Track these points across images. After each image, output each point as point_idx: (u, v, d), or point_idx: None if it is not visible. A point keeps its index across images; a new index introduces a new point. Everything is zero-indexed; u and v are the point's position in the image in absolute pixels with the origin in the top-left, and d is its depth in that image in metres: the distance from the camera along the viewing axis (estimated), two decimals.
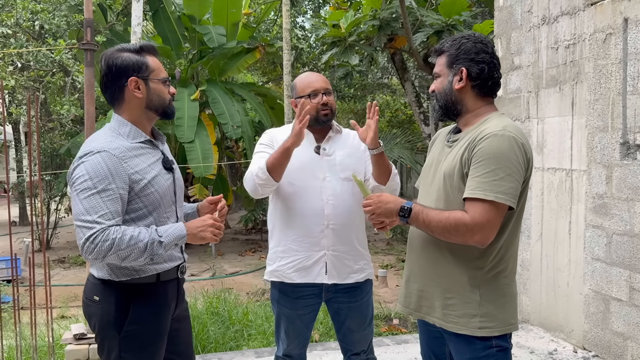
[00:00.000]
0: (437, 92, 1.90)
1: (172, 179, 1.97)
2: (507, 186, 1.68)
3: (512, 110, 4.55)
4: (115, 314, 1.85)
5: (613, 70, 3.52)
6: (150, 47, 1.93)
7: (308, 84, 2.35)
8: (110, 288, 1.87)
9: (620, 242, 3.49)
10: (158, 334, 1.93)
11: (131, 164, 1.82)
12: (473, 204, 1.70)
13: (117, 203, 1.77)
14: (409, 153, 10.10)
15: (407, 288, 1.96)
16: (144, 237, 1.76)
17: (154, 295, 1.91)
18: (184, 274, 2.04)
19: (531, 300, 4.35)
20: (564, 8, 3.95)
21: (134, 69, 1.86)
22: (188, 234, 1.84)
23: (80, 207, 1.75)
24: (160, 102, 1.92)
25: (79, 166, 1.79)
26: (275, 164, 2.18)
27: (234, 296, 6.08)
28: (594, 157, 3.69)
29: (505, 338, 1.82)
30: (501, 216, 1.71)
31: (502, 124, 1.75)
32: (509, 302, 1.84)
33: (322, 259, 2.30)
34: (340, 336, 2.46)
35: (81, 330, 3.46)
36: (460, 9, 7.05)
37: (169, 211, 1.95)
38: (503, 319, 1.81)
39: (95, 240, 1.71)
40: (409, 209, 1.80)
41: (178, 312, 2.04)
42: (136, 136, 1.89)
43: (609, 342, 3.59)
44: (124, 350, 1.86)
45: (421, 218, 1.78)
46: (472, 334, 1.78)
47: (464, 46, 1.83)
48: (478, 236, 1.69)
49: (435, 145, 2.02)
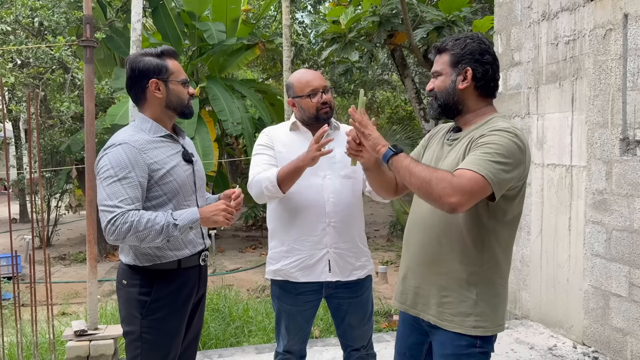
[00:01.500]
0: (438, 91, 1.87)
1: (191, 170, 2.12)
2: (500, 173, 1.65)
3: (512, 106, 4.55)
4: (138, 297, 2.02)
5: (613, 66, 3.51)
6: (170, 51, 2.09)
7: (306, 83, 2.34)
8: (135, 272, 2.04)
9: (619, 237, 3.49)
10: (178, 317, 2.06)
11: (150, 154, 1.99)
12: (464, 171, 1.66)
13: (137, 190, 1.93)
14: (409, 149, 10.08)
15: (404, 285, 1.96)
16: (160, 220, 1.91)
17: (175, 281, 2.06)
18: (206, 261, 2.17)
19: (531, 296, 4.35)
20: (564, 4, 3.95)
21: (154, 72, 2.03)
22: (201, 217, 1.98)
23: (103, 193, 1.92)
24: (178, 102, 2.08)
25: (102, 157, 1.97)
26: (286, 179, 2.20)
27: (235, 293, 6.10)
28: (593, 153, 3.69)
29: (490, 340, 1.83)
30: (484, 194, 1.66)
31: (505, 124, 1.76)
32: (501, 304, 1.84)
33: (325, 257, 2.30)
34: (340, 332, 2.46)
35: (82, 327, 3.46)
36: (460, 5, 7.04)
37: (188, 200, 2.09)
38: (495, 319, 1.81)
39: (116, 222, 1.87)
40: (400, 149, 1.76)
41: (198, 298, 2.18)
42: (157, 131, 2.06)
43: (609, 338, 3.59)
44: (145, 332, 2.01)
45: (406, 161, 1.72)
46: (467, 333, 1.78)
47: (469, 46, 1.82)
48: (455, 198, 1.62)
49: (434, 143, 2.00)
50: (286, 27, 6.59)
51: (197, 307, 2.21)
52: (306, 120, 2.38)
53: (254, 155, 2.38)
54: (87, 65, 3.49)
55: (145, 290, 2.02)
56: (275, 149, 2.36)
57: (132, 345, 2.06)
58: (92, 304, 3.55)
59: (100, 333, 3.46)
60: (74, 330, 3.45)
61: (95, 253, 3.57)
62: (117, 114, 8.32)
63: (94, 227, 3.59)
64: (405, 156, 1.75)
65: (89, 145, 3.52)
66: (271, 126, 2.53)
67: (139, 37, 5.42)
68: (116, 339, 3.55)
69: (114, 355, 3.48)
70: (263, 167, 2.30)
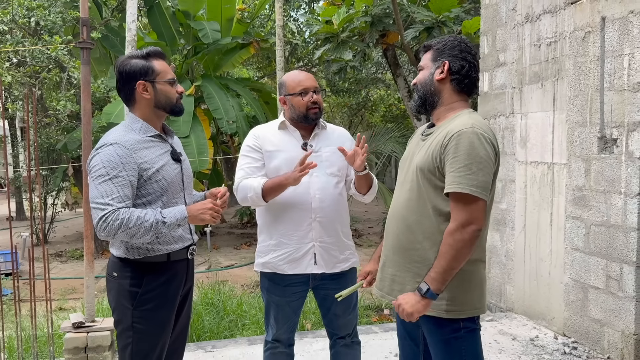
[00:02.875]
0: (419, 83, 2.05)
1: (179, 169, 2.21)
2: (479, 180, 1.82)
3: (497, 105, 4.69)
4: (130, 288, 2.10)
5: (591, 67, 3.65)
6: (156, 52, 2.16)
7: (299, 82, 2.47)
8: (126, 265, 2.13)
9: (597, 232, 3.63)
10: (167, 307, 2.16)
11: (140, 154, 2.07)
12: (453, 204, 1.84)
13: (127, 188, 2.02)
14: (402, 148, 10.22)
15: (382, 272, 2.10)
16: (149, 218, 2.00)
17: (165, 272, 2.15)
18: (193, 255, 2.27)
19: (515, 290, 4.50)
20: (546, 6, 4.08)
21: (141, 74, 2.10)
22: (189, 215, 2.08)
23: (95, 191, 2.00)
24: (167, 101, 2.16)
25: (94, 156, 2.05)
26: (270, 192, 2.37)
27: (229, 288, 6.22)
28: (573, 151, 3.83)
29: (473, 320, 1.96)
30: (481, 204, 1.83)
31: (470, 122, 1.89)
32: (475, 288, 1.96)
33: (310, 251, 2.44)
34: (326, 321, 2.60)
35: (80, 319, 3.58)
36: (450, 6, 7.17)
37: (177, 197, 2.18)
38: (469, 302, 1.94)
39: (107, 219, 1.96)
40: (426, 288, 1.85)
41: (186, 290, 2.27)
42: (147, 131, 2.14)
43: (587, 329, 3.74)
44: (137, 322, 2.10)
45: (436, 275, 1.83)
46: (439, 316, 1.92)
47: (449, 44, 2.01)
48: (471, 227, 1.81)
49: (412, 140, 2.17)
50: (279, 27, 6.71)
51: (186, 299, 2.30)
52: (295, 119, 2.50)
53: (240, 155, 2.50)
54: (84, 66, 3.60)
55: (136, 282, 2.11)
56: (264, 149, 2.48)
57: (123, 334, 2.14)
58: (89, 297, 3.67)
59: (97, 325, 3.58)
60: (72, 322, 3.56)
61: (92, 248, 3.69)
62: (112, 112, 8.43)
63: (91, 222, 3.70)
64: (432, 280, 1.84)
65: (86, 144, 3.63)
66: (260, 125, 2.64)
67: (134, 37, 5.52)
68: (112, 331, 3.66)
69: (111, 346, 3.60)
70: (247, 172, 2.44)
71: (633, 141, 3.35)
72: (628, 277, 3.41)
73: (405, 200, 2.00)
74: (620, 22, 3.42)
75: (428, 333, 1.99)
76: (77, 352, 3.49)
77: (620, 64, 3.42)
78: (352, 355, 2.61)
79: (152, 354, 2.14)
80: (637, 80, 3.30)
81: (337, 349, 2.61)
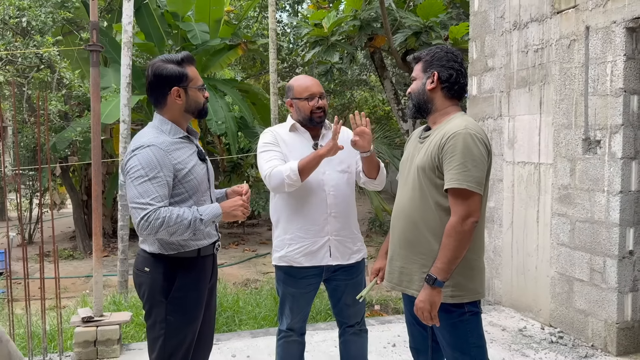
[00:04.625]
0: (412, 93, 2.27)
1: (205, 168, 2.31)
2: (475, 175, 2.03)
3: (485, 108, 4.91)
4: (163, 283, 2.19)
5: (576, 73, 3.89)
6: (190, 58, 2.25)
7: (306, 87, 2.64)
8: (159, 260, 2.21)
9: (582, 228, 3.87)
10: (198, 300, 2.27)
11: (175, 155, 2.16)
12: (452, 199, 2.05)
13: (165, 188, 2.10)
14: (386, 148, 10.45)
15: (391, 266, 2.29)
16: (188, 216, 2.09)
17: (196, 267, 2.26)
18: (218, 250, 2.39)
19: (503, 284, 4.72)
20: (533, 15, 4.32)
21: (176, 80, 2.19)
22: (223, 212, 2.19)
23: (134, 191, 2.07)
24: (196, 106, 2.27)
25: (131, 158, 2.11)
26: (307, 167, 2.47)
27: (223, 285, 6.34)
28: (559, 151, 4.07)
29: (475, 304, 2.17)
30: (477, 198, 2.04)
31: (464, 123, 2.09)
32: (476, 275, 2.17)
33: (326, 244, 2.61)
34: (336, 311, 2.77)
35: (88, 314, 3.69)
36: (437, 11, 7.40)
37: (205, 195, 2.29)
38: (472, 288, 2.14)
39: (149, 218, 2.04)
40: (431, 277, 2.04)
41: (212, 283, 2.39)
42: (176, 133, 2.23)
43: (572, 319, 3.98)
44: (170, 314, 2.19)
45: (441, 265, 2.02)
46: (445, 302, 2.10)
47: (437, 55, 2.22)
48: (470, 219, 2.02)
49: (410, 143, 2.37)
50: (272, 31, 6.85)
51: (212, 292, 2.42)
52: (301, 121, 2.67)
53: (262, 152, 2.64)
54: (93, 68, 3.70)
55: (170, 277, 2.19)
56: (280, 147, 2.64)
57: (155, 327, 2.21)
58: (97, 292, 3.77)
59: (106, 319, 3.70)
60: (81, 317, 3.67)
61: (101, 245, 3.80)
62: (103, 112, 8.47)
63: (99, 220, 3.82)
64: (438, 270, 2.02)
65: (95, 144, 3.74)
66: (273, 127, 2.80)
67: (130, 38, 5.63)
68: (121, 325, 3.78)
69: (119, 340, 3.72)
70: (276, 162, 2.56)
71: (615, 143, 3.59)
72: (611, 269, 3.65)
73: (408, 198, 2.20)
74: (603, 31, 3.66)
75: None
76: (86, 346, 3.61)
77: (603, 70, 3.66)
78: (360, 342, 2.78)
79: (183, 345, 2.24)
80: (619, 86, 3.54)
81: (346, 337, 2.78)
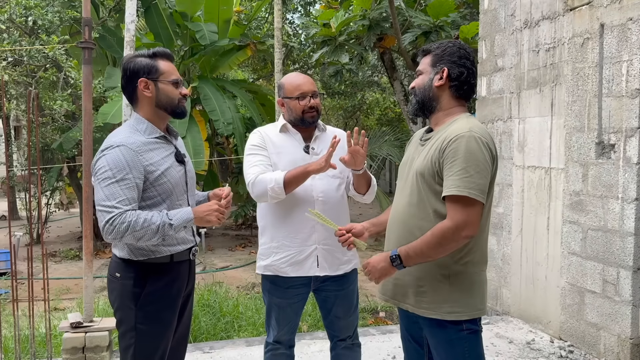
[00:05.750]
0: (417, 88, 2.06)
1: (183, 171, 2.20)
2: (477, 182, 1.84)
3: (495, 110, 4.72)
4: (133, 289, 2.09)
5: (590, 73, 3.69)
6: (163, 52, 2.15)
7: (297, 86, 2.47)
8: (129, 266, 2.11)
9: (594, 237, 3.67)
10: (170, 308, 2.15)
11: (146, 156, 2.05)
12: (451, 205, 1.85)
13: (134, 191, 2.00)
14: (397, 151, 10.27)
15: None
16: (156, 220, 1.99)
17: (168, 273, 2.14)
18: (195, 255, 2.27)
19: (511, 293, 4.53)
20: (545, 13, 4.12)
21: (144, 71, 2.09)
22: (195, 217, 2.07)
23: (101, 194, 1.98)
24: (168, 102, 2.13)
25: (100, 158, 2.02)
26: (293, 181, 2.33)
27: (225, 289, 6.22)
28: (571, 156, 3.87)
29: (475, 321, 1.98)
30: (478, 208, 1.85)
31: (468, 126, 1.91)
32: (477, 290, 1.98)
33: (313, 253, 2.44)
34: (327, 323, 2.60)
35: (78, 319, 3.57)
36: (447, 11, 7.21)
37: (181, 199, 2.17)
38: (471, 304, 1.96)
39: (114, 222, 1.94)
40: (397, 256, 1.91)
41: (188, 290, 2.26)
42: (152, 132, 2.12)
43: (584, 332, 3.77)
44: (140, 322, 2.09)
45: (412, 253, 1.89)
46: (442, 318, 1.93)
47: (449, 49, 2.01)
48: (465, 232, 1.83)
49: (411, 145, 2.18)
50: (277, 30, 6.73)
51: (187, 301, 2.29)
52: (293, 122, 2.51)
53: (247, 154, 2.49)
54: (85, 66, 3.60)
55: (140, 283, 2.09)
56: (268, 149, 2.48)
57: (126, 335, 2.12)
58: (87, 297, 3.66)
59: (95, 325, 3.57)
60: (70, 322, 3.56)
61: (92, 248, 3.69)
62: (109, 112, 8.40)
63: (90, 223, 3.70)
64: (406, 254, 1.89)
65: (87, 144, 3.62)
66: (261, 127, 2.63)
67: (132, 37, 5.51)
68: (111, 331, 3.65)
69: (109, 347, 3.59)
70: (262, 169, 2.41)
71: (630, 147, 3.39)
72: (625, 281, 3.44)
73: (406, 204, 2.02)
74: (619, 29, 3.46)
75: (430, 335, 2.01)
76: (75, 352, 3.48)
77: (618, 70, 3.46)
78: (352, 357, 2.62)
79: (155, 355, 2.13)
80: (635, 86, 3.34)
81: (337, 351, 2.61)
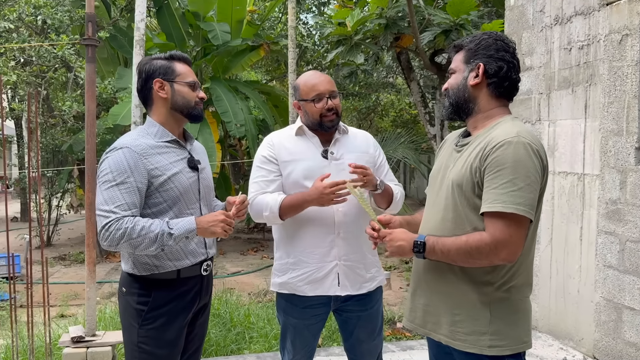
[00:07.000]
0: (450, 89, 1.80)
1: (196, 178, 2.05)
2: (526, 197, 1.57)
3: (522, 112, 4.45)
4: (136, 305, 1.96)
5: (629, 73, 3.42)
6: (180, 56, 2.08)
7: (312, 86, 2.23)
8: (134, 281, 2.00)
9: (634, 249, 3.39)
10: (175, 327, 1.99)
11: (152, 160, 1.94)
12: (492, 220, 1.60)
13: (134, 195, 1.89)
14: (413, 153, 10.01)
15: (413, 302, 1.86)
16: (155, 229, 1.86)
17: (175, 289, 1.99)
18: (208, 271, 2.10)
19: (540, 307, 4.25)
20: (578, 8, 3.85)
21: (160, 72, 2.01)
22: (198, 227, 1.91)
23: (100, 197, 1.90)
24: (184, 104, 2.02)
25: (104, 161, 1.94)
26: (289, 211, 2.15)
27: (236, 297, 6.00)
28: (607, 161, 3.59)
29: (519, 356, 1.71)
30: (524, 228, 1.60)
31: (515, 130, 1.64)
32: (522, 319, 1.72)
33: (334, 270, 2.20)
34: (348, 346, 2.36)
35: (79, 333, 3.38)
36: (468, 8, 6.93)
37: (191, 207, 2.02)
38: (515, 336, 1.69)
39: (110, 228, 1.84)
40: (422, 243, 1.68)
41: (199, 307, 2.11)
42: (163, 136, 2.02)
43: (621, 352, 3.49)
44: (142, 341, 1.96)
45: (438, 249, 1.66)
46: (481, 353, 1.67)
47: (484, 42, 1.74)
48: (504, 253, 1.58)
49: (443, 150, 1.91)
50: (291, 29, 6.51)
51: (198, 317, 2.13)
52: (311, 126, 2.28)
53: (254, 166, 2.29)
54: (89, 64, 3.41)
55: (143, 300, 1.98)
56: (280, 159, 2.25)
57: (130, 354, 2.01)
58: (90, 310, 3.46)
59: (97, 339, 3.38)
60: (71, 336, 3.37)
61: (94, 257, 3.49)
62: (119, 114, 8.23)
63: (93, 229, 3.50)
64: (432, 247, 1.67)
65: (90, 147, 3.43)
66: (275, 132, 2.41)
67: (142, 36, 5.34)
68: (114, 346, 3.46)
69: None
70: (261, 186, 2.23)
71: None
72: None
73: (439, 220, 1.75)
74: None
75: None
76: None
77: None
78: None
79: None
80: None
81: None
